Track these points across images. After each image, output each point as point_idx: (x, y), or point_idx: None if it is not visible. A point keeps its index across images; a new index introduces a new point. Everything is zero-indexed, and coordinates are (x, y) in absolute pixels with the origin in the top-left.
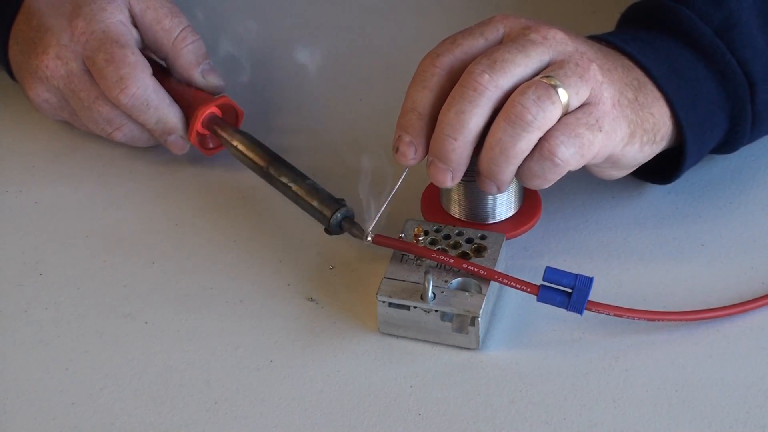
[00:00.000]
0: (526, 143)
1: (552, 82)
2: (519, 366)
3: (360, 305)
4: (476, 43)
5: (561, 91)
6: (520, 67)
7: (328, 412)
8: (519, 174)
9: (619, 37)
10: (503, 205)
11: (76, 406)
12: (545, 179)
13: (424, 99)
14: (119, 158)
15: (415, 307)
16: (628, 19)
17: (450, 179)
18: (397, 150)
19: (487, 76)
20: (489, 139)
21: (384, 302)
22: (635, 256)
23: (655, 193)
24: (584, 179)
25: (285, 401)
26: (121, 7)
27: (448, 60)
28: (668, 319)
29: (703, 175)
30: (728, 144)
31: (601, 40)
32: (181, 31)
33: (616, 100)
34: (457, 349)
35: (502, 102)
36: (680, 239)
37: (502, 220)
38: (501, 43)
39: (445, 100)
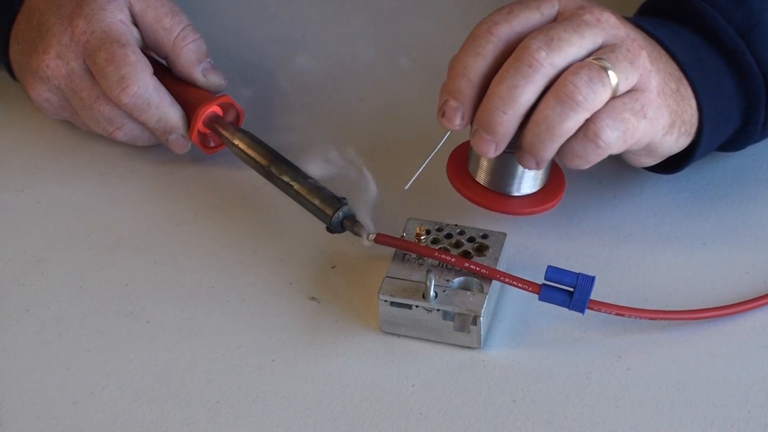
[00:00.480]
0: (573, 123)
1: (603, 65)
2: (521, 365)
3: (362, 304)
4: (533, 16)
5: (611, 75)
6: (575, 47)
7: (329, 411)
8: (560, 153)
9: (650, 23)
10: (530, 180)
11: (77, 405)
12: (586, 160)
13: (477, 65)
14: (120, 157)
15: (416, 306)
16: (648, 11)
17: (494, 150)
18: (443, 114)
19: (543, 53)
20: (536, 116)
21: (386, 301)
22: (637, 255)
23: (657, 191)
24: (585, 178)
25: (287, 400)
26: (121, 6)
27: (505, 30)
28: (670, 318)
29: (705, 173)
30: (736, 141)
31: (632, 22)
32: (181, 30)
33: (661, 89)
34: (459, 348)
35: (553, 80)
36: (682, 238)
37: (526, 195)
38: (555, 20)
39: (496, 69)
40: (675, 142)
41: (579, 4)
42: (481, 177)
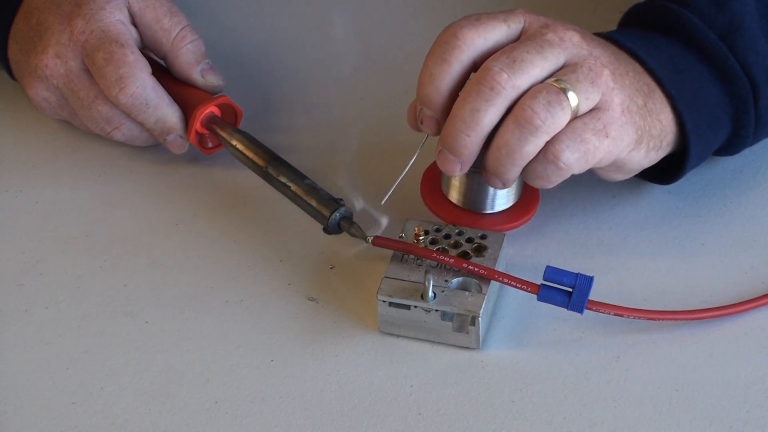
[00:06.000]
0: (533, 147)
1: (562, 86)
2: (519, 365)
3: (360, 305)
4: (499, 27)
5: (571, 95)
6: (537, 68)
7: (328, 411)
8: (523, 174)
9: (626, 36)
10: (502, 198)
11: (76, 406)
12: (548, 181)
13: (443, 73)
14: (119, 158)
15: (415, 307)
16: (630, 20)
17: (459, 170)
18: (422, 122)
19: (505, 76)
20: (497, 140)
21: (384, 302)
22: (635, 256)
23: (656, 192)
24: (584, 179)
25: (285, 400)
26: (120, 6)
27: (471, 35)
28: (668, 319)
29: (704, 174)
30: (732, 146)
31: (608, 38)
32: (180, 30)
33: (626, 107)
34: (458, 349)
35: (516, 101)
36: (680, 238)
37: (500, 212)
38: (519, 37)
39: (464, 75)
40: (644, 157)
41: (543, 23)
42: (454, 197)
